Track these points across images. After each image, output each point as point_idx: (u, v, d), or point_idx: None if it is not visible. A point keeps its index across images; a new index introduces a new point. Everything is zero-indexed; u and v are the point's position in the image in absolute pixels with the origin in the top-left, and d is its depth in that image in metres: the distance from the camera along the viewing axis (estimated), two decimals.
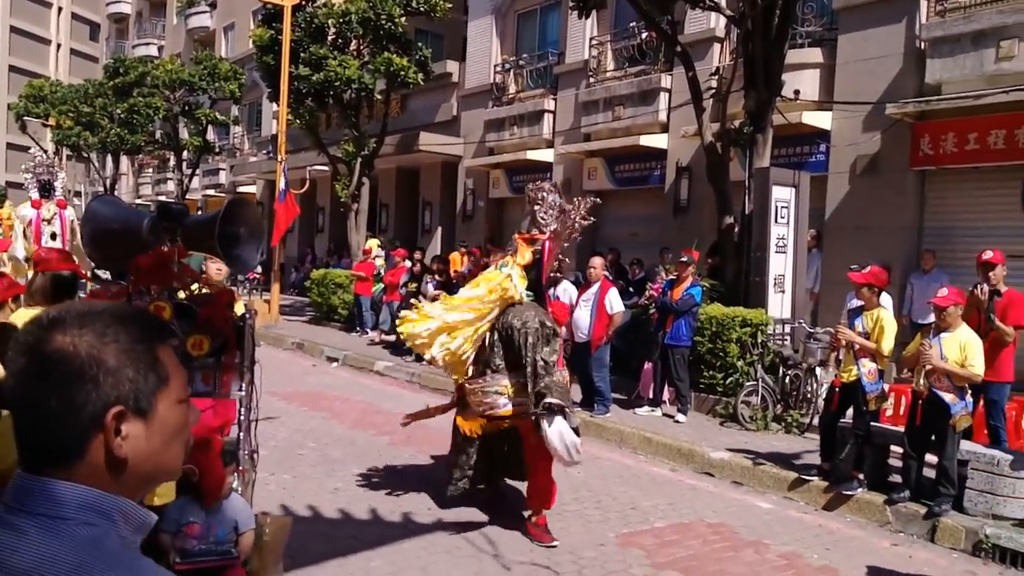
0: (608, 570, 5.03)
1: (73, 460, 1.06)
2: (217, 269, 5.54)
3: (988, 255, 7.10)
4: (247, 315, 3.47)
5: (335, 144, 19.06)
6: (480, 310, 5.62)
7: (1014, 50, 10.51)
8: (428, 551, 5.21)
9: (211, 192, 32.81)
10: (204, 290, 3.41)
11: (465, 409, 5.77)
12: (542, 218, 5.89)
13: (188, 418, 1.17)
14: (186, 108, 27.72)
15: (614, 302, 9.02)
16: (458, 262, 15.85)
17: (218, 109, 28.55)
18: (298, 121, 18.37)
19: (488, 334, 5.65)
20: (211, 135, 30.26)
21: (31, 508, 1.03)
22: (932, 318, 10.19)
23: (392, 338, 14.49)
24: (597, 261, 9.34)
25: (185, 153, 29.26)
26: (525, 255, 5.77)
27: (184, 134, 29.49)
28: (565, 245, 6.15)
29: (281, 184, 16.03)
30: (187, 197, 29.23)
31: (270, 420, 7.79)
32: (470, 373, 5.73)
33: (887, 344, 6.52)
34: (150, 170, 39.05)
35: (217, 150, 30.78)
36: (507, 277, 5.64)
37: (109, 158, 36.29)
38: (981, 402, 6.80)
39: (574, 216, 5.93)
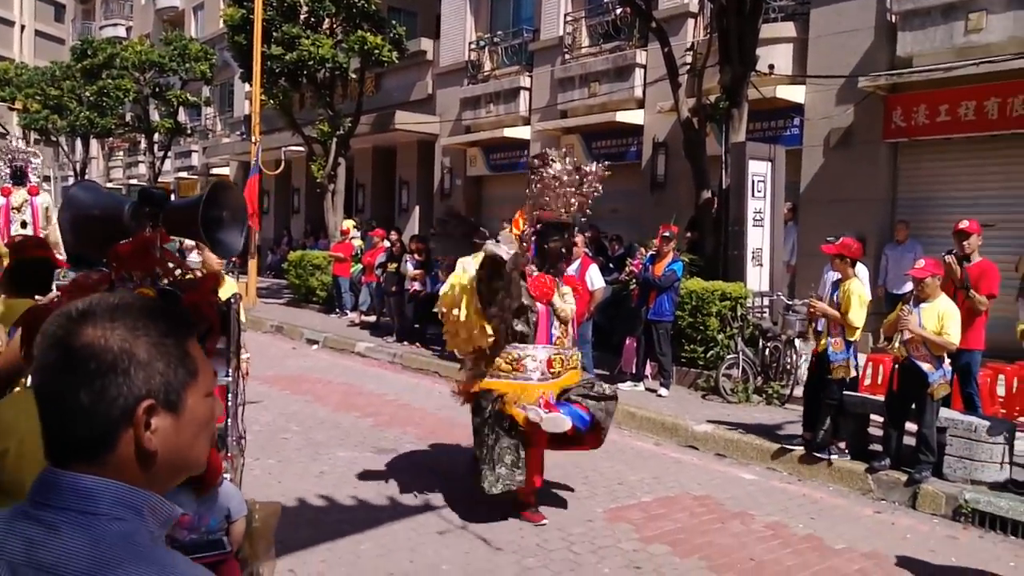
0: (597, 545, 5.08)
1: (102, 454, 1.05)
2: (218, 261, 5.49)
3: (964, 224, 7.20)
4: (233, 300, 3.44)
5: (310, 124, 18.86)
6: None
7: (982, 22, 10.59)
8: (418, 532, 5.23)
9: (183, 174, 32.41)
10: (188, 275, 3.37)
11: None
12: (534, 190, 5.69)
13: (215, 411, 1.16)
14: (156, 90, 27.28)
15: (595, 278, 9.04)
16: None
17: (189, 90, 28.13)
18: (272, 101, 18.15)
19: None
20: (183, 117, 29.83)
21: (59, 503, 1.02)
22: (907, 288, 10.40)
23: (372, 319, 14.46)
24: (577, 238, 9.32)
25: (156, 135, 28.81)
26: (521, 224, 5.72)
27: (155, 116, 29.03)
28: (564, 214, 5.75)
29: (253, 162, 15.89)
30: (159, 180, 28.82)
31: (252, 404, 7.75)
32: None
33: (852, 314, 6.59)
34: (121, 153, 38.45)
35: (189, 132, 30.37)
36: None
37: (78, 142, 35.65)
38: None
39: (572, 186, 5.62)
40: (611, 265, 11.75)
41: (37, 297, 3.91)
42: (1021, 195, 10.84)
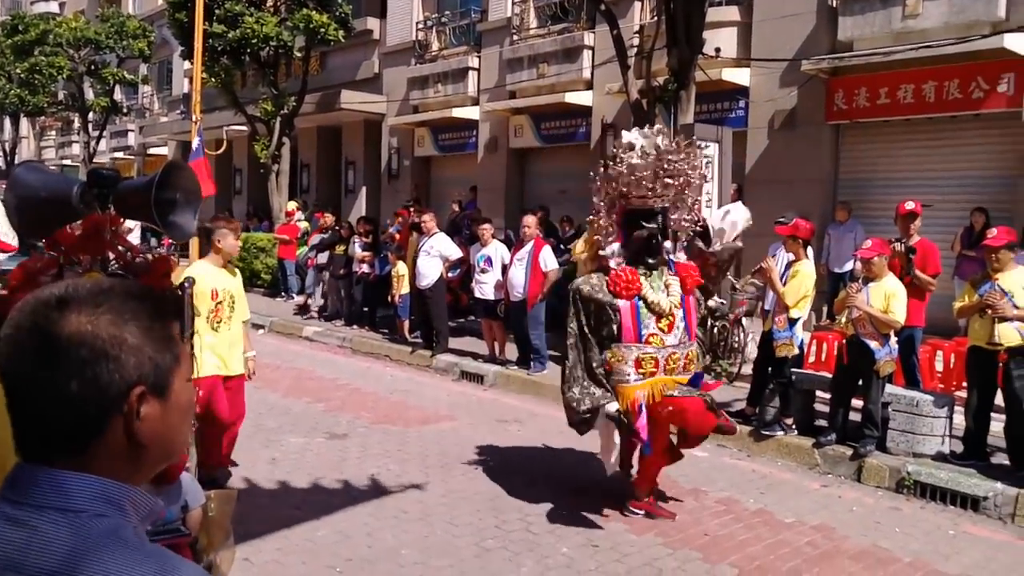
0: (555, 525, 5.12)
1: (87, 446, 1.01)
2: (231, 244, 5.48)
3: (910, 206, 7.38)
4: (186, 284, 3.35)
5: (252, 103, 18.45)
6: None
7: (919, 8, 10.84)
8: (375, 517, 5.20)
9: (120, 154, 31.46)
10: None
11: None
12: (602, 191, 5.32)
13: (194, 397, 1.12)
14: (92, 67, 26.35)
15: (548, 260, 9.07)
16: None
17: (126, 68, 27.26)
18: (213, 80, 17.69)
19: None
20: (119, 95, 28.91)
21: (37, 501, 0.97)
22: (849, 266, 10.69)
23: (322, 302, 14.29)
24: (530, 219, 9.35)
25: (91, 114, 27.89)
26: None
27: (90, 94, 28.08)
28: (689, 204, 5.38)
29: (195, 143, 15.47)
30: (94, 160, 27.93)
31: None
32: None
33: (789, 290, 6.77)
34: (53, 133, 37.12)
35: (125, 111, 29.47)
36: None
37: (7, 121, 34.33)
38: None
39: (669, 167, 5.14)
40: (563, 247, 11.79)
41: None
42: (956, 176, 11.18)
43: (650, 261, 5.17)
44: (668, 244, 5.35)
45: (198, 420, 5.22)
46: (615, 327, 5.08)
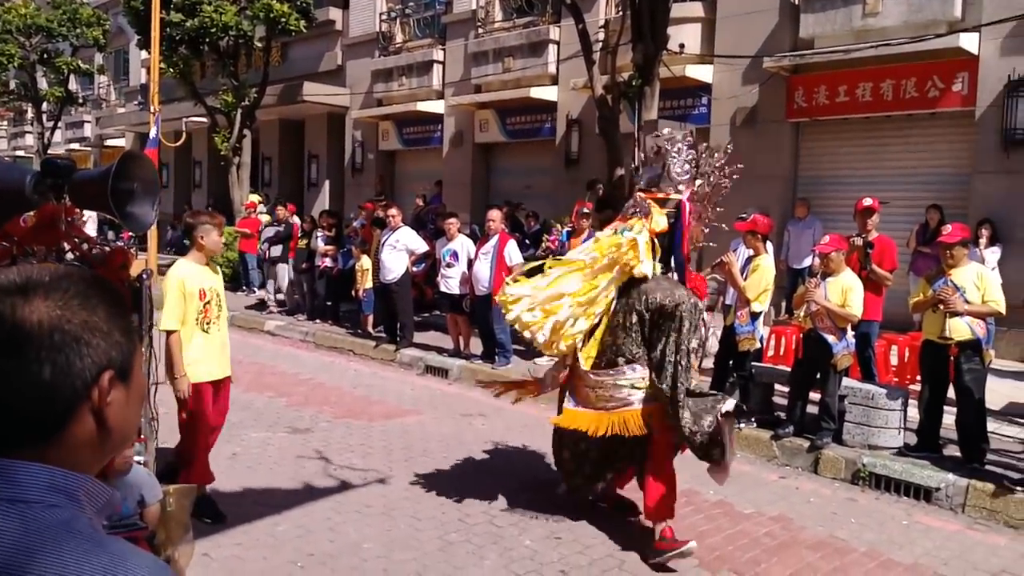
0: (518, 517, 5.13)
1: (54, 435, 0.99)
2: (214, 241, 5.17)
3: (868, 202, 7.52)
4: (144, 275, 3.30)
5: (212, 94, 18.18)
6: (591, 283, 4.68)
7: (879, 6, 11.03)
8: (337, 512, 5.17)
9: (75, 146, 30.80)
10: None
11: (577, 403, 4.89)
12: (676, 174, 4.81)
13: (146, 383, 1.12)
14: (44, 56, 25.72)
15: (513, 254, 9.08)
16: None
17: (80, 57, 26.67)
18: (171, 70, 17.40)
19: (623, 315, 4.70)
20: (74, 85, 28.29)
21: None
22: (807, 262, 10.85)
23: (282, 296, 14.14)
24: (495, 214, 9.35)
25: (45, 105, 27.25)
26: (659, 220, 4.72)
27: (43, 84, 27.43)
28: (710, 213, 5.07)
29: (152, 132, 15.21)
30: (48, 151, 27.31)
31: (156, 386, 7.48)
32: (584, 361, 4.79)
33: (750, 284, 6.89)
34: (5, 123, 36.23)
35: (81, 101, 28.86)
36: (632, 243, 4.60)
37: None
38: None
39: (716, 173, 4.89)
40: (527, 241, 11.81)
41: None
42: (913, 173, 11.40)
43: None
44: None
45: (184, 429, 5.09)
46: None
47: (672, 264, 4.98)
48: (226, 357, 5.21)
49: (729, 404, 4.52)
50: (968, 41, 10.30)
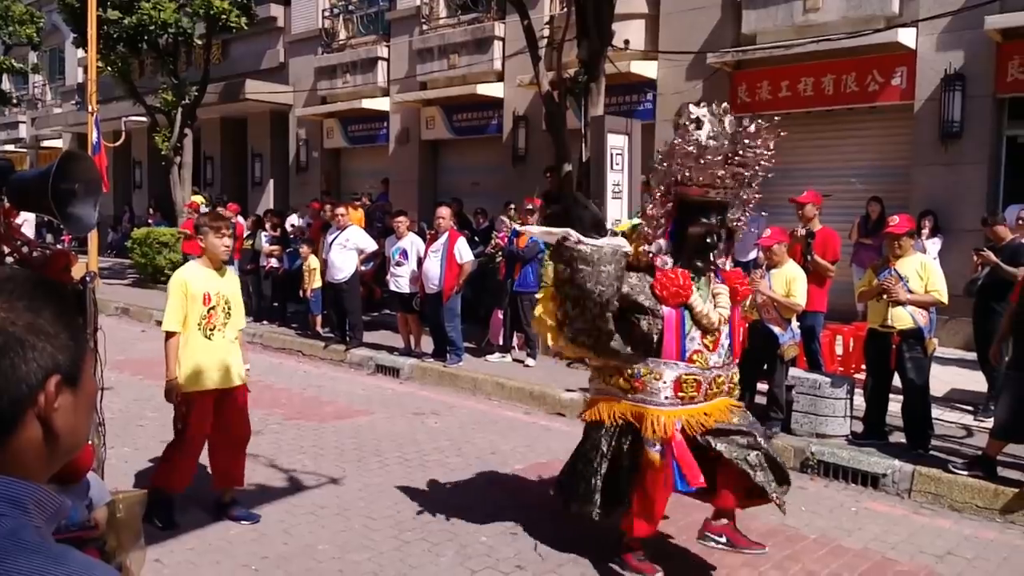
0: (475, 515, 5.12)
1: (3, 441, 0.95)
2: (224, 246, 4.85)
3: (805, 195, 7.69)
4: (88, 278, 3.20)
5: (152, 93, 17.77)
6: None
7: (819, 2, 11.26)
8: (291, 514, 5.10)
9: (10, 147, 29.86)
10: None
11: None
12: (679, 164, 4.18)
13: (96, 388, 1.08)
14: None
15: (463, 252, 9.06)
16: None
17: (14, 56, 25.81)
18: (109, 69, 16.95)
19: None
20: (7, 84, 27.38)
21: None
22: (752, 256, 11.02)
23: None
24: (444, 211, 9.31)
25: None
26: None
27: None
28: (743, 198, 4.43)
29: (94, 136, 14.81)
30: None
31: (102, 391, 7.30)
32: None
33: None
34: None
35: (15, 101, 27.95)
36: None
37: None
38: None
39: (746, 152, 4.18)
40: (476, 239, 11.79)
41: None
42: (854, 167, 11.66)
43: (699, 264, 4.28)
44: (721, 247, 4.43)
45: (176, 437, 4.88)
46: (654, 339, 4.16)
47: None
48: (233, 365, 4.91)
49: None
50: (906, 36, 10.57)
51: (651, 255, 4.23)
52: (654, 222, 4.26)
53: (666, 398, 4.15)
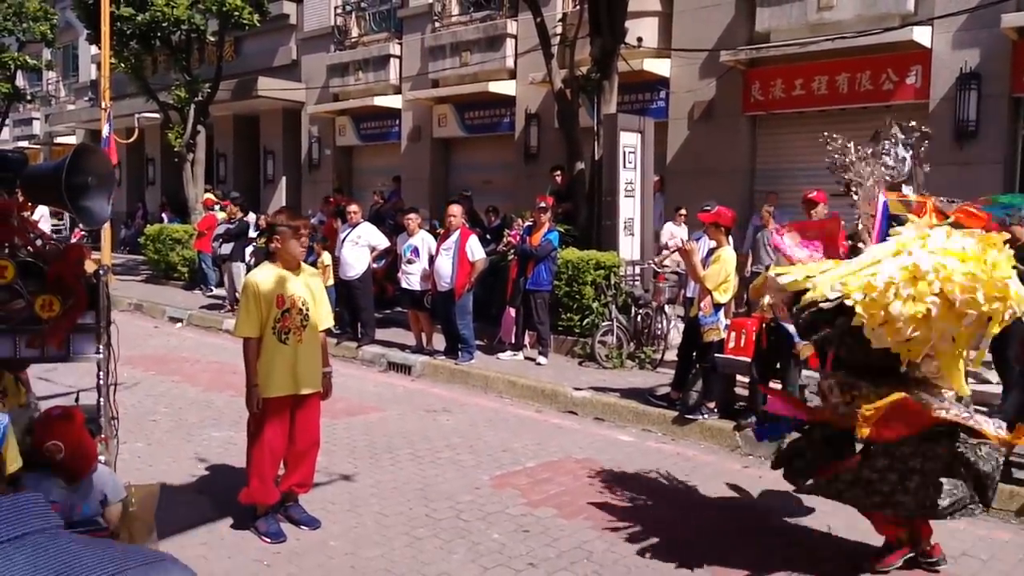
0: (486, 512, 5.11)
1: None
2: (302, 248, 4.71)
3: (812, 194, 7.64)
4: (100, 272, 3.21)
5: (165, 90, 17.84)
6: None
7: (834, 0, 11.19)
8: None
9: (24, 144, 30.04)
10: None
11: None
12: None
13: None
14: None
15: (475, 249, 9.04)
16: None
17: (28, 53, 25.97)
18: (122, 65, 17.02)
19: None
20: (21, 81, 27.54)
21: None
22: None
23: (238, 294, 13.92)
24: (456, 209, 9.29)
25: None
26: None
27: None
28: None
29: (105, 131, 14.89)
30: None
31: (115, 386, 7.33)
32: None
33: (710, 274, 6.96)
34: None
35: (29, 98, 28.12)
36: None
37: None
38: None
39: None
40: (488, 236, 11.77)
41: None
42: None
43: None
44: None
45: (250, 442, 4.84)
46: None
47: None
48: (310, 371, 4.77)
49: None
50: (921, 34, 10.50)
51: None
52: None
53: None
